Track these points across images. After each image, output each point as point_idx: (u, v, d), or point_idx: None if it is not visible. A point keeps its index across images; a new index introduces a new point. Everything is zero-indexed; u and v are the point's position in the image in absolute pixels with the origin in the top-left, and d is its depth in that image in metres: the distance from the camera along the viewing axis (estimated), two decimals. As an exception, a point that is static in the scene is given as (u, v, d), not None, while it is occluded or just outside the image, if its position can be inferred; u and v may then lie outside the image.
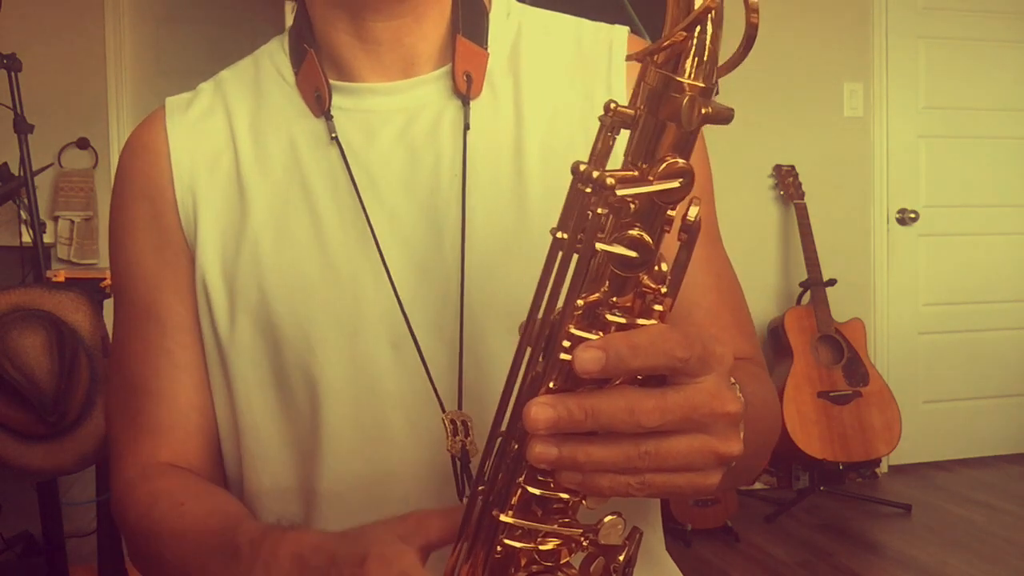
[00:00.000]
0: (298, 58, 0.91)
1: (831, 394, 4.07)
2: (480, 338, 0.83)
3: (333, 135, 0.87)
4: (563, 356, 0.58)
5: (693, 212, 0.58)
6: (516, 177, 0.86)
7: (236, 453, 0.91)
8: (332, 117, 0.88)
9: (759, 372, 0.90)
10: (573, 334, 0.58)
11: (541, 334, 0.59)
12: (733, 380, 0.69)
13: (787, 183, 4.39)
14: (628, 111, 0.57)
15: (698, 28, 0.54)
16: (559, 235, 0.58)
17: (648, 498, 0.62)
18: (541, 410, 0.56)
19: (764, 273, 4.47)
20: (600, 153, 0.58)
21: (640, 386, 0.59)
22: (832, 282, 4.27)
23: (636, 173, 0.56)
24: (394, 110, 0.89)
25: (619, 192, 0.55)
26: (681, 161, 0.55)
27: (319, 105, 0.88)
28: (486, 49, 0.89)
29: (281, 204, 0.88)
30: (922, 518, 4.04)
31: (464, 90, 0.87)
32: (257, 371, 0.88)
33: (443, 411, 0.83)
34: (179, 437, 0.91)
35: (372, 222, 0.85)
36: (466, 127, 0.87)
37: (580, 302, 0.58)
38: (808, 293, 4.28)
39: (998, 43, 4.82)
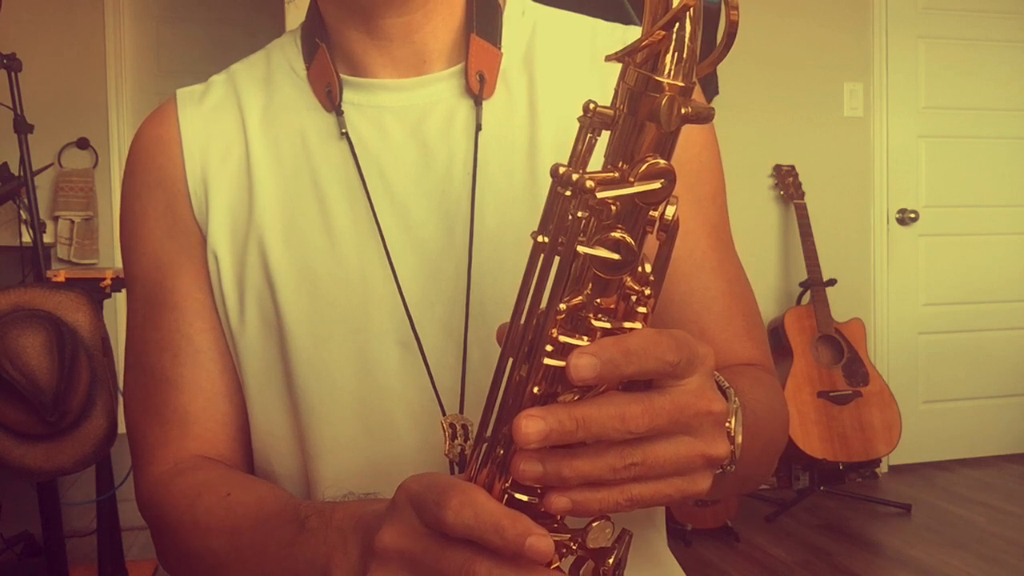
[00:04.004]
0: (310, 53, 0.91)
1: (831, 394, 4.07)
2: (490, 338, 0.82)
3: (343, 130, 0.87)
4: (546, 361, 0.57)
5: (670, 211, 0.57)
6: (530, 176, 0.86)
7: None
8: (343, 112, 0.88)
9: (766, 378, 0.89)
10: (556, 338, 0.57)
11: (524, 338, 0.58)
12: (726, 383, 0.68)
13: (787, 183, 4.38)
14: (607, 111, 0.56)
15: (677, 26, 0.54)
16: (540, 239, 0.58)
17: (642, 509, 0.61)
18: (532, 423, 0.55)
19: (764, 273, 4.47)
20: (580, 154, 0.58)
21: (624, 390, 0.58)
22: (832, 282, 4.27)
23: (616, 175, 0.55)
24: (406, 107, 0.88)
25: (599, 195, 0.54)
26: (662, 161, 0.55)
27: (330, 100, 0.88)
28: (500, 48, 0.89)
29: (291, 198, 0.87)
30: (922, 518, 4.03)
31: (476, 90, 0.87)
32: (265, 364, 0.88)
33: (443, 414, 0.83)
34: (207, 426, 0.89)
35: (383, 218, 0.85)
36: (478, 128, 0.86)
37: (563, 306, 0.57)
38: (808, 293, 4.27)
39: (998, 43, 4.81)
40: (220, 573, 0.80)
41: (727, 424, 0.65)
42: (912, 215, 4.69)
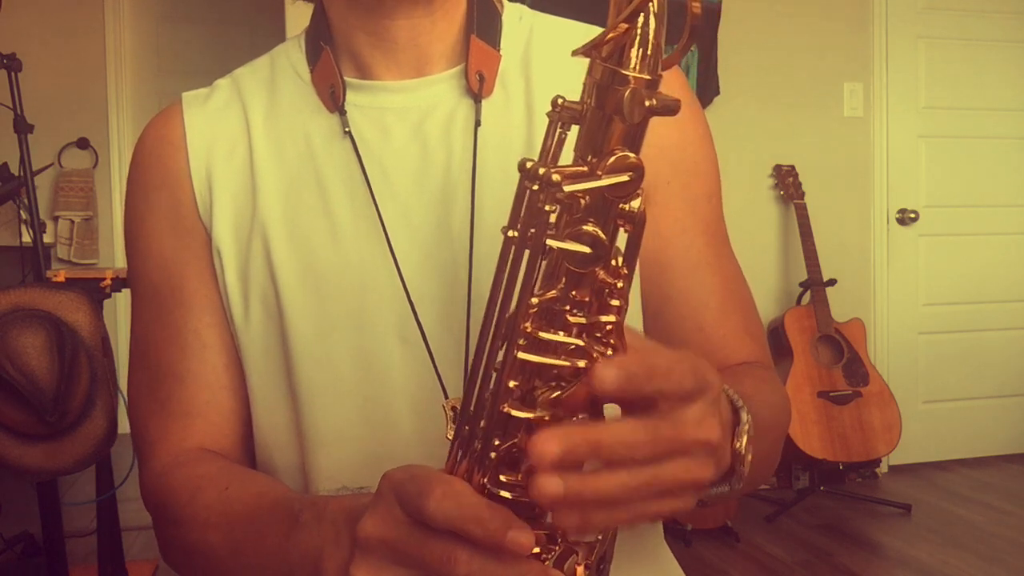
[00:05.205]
0: (314, 56, 0.93)
1: (831, 394, 4.07)
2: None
3: (346, 129, 0.89)
4: (520, 355, 0.58)
5: (636, 203, 0.57)
6: None
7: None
8: (346, 112, 0.90)
9: (767, 375, 0.90)
10: (530, 332, 0.58)
11: (498, 333, 0.59)
12: (740, 402, 0.69)
13: (787, 183, 4.38)
14: (575, 106, 0.57)
15: (640, 20, 0.54)
16: (510, 233, 0.58)
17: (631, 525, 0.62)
18: (548, 446, 0.55)
19: (764, 273, 4.47)
20: (549, 149, 0.58)
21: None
22: (832, 282, 4.26)
23: (584, 168, 0.55)
24: (408, 107, 0.90)
25: (566, 188, 0.54)
26: (632, 155, 0.55)
27: (333, 101, 0.90)
28: (499, 51, 0.91)
29: (294, 196, 0.89)
30: (922, 518, 4.03)
31: (476, 89, 0.89)
32: (267, 358, 0.89)
33: (445, 398, 0.85)
34: (211, 419, 0.91)
35: (384, 216, 0.87)
36: (477, 124, 0.88)
37: (535, 300, 0.57)
38: (808, 293, 4.27)
39: (998, 43, 4.81)
40: (218, 567, 0.81)
41: (737, 444, 0.67)
42: (912, 215, 4.69)
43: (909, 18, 4.69)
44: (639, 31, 0.54)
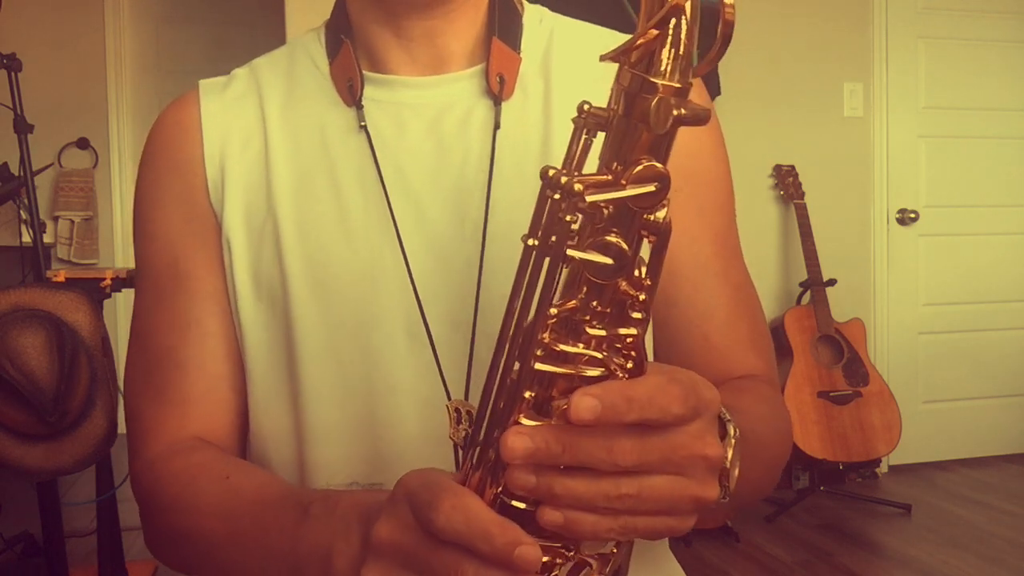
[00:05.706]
0: (333, 48, 0.92)
1: (831, 394, 4.07)
2: (496, 334, 0.84)
3: (362, 123, 0.89)
4: (537, 366, 0.57)
5: (661, 213, 0.56)
6: None
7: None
8: (363, 106, 0.89)
9: (768, 392, 0.89)
10: (547, 343, 0.57)
11: (515, 342, 0.58)
12: (727, 415, 0.67)
13: (787, 183, 4.38)
14: (602, 112, 0.55)
15: (672, 25, 0.52)
16: (530, 242, 0.57)
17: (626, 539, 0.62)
18: (518, 440, 0.55)
19: (764, 273, 4.47)
20: (574, 156, 0.57)
21: None
22: (832, 282, 4.26)
23: (609, 177, 0.54)
24: (425, 104, 0.90)
25: (589, 198, 0.53)
26: (658, 165, 0.54)
27: (351, 94, 0.90)
28: (519, 53, 0.91)
29: (306, 188, 0.89)
30: (922, 518, 4.03)
31: (497, 90, 0.89)
32: (271, 351, 0.89)
33: (449, 399, 0.84)
34: (208, 409, 0.90)
35: (397, 212, 0.86)
36: (496, 126, 0.88)
37: (554, 310, 0.56)
38: (808, 293, 4.27)
39: (998, 43, 4.81)
40: (214, 556, 0.81)
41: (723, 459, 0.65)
42: (912, 215, 4.69)
43: (909, 18, 4.68)
44: (670, 37, 0.52)
